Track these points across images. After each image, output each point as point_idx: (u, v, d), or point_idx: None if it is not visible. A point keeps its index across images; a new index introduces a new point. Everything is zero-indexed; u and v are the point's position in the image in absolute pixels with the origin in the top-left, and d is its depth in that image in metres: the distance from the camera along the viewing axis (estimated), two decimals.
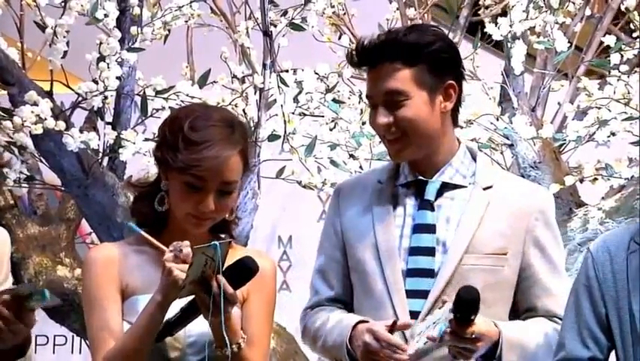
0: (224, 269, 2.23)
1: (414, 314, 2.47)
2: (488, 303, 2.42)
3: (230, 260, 2.25)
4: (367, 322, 2.47)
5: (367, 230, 2.54)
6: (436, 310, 2.39)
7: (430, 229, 2.51)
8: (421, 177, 2.54)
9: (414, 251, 2.50)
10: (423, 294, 2.48)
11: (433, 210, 2.51)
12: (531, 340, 2.48)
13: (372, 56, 2.46)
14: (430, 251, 2.49)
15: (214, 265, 2.22)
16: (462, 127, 4.07)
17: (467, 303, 2.30)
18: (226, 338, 2.25)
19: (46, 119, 3.72)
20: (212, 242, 2.22)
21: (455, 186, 2.53)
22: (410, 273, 2.49)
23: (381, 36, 2.47)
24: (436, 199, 2.53)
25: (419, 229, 2.51)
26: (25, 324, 2.30)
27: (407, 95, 2.46)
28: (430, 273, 2.49)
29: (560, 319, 2.51)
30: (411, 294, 2.49)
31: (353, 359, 2.47)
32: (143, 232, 2.42)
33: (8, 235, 2.57)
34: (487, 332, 2.37)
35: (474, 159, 2.59)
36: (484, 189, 2.52)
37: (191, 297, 2.26)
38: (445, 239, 2.50)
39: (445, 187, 2.53)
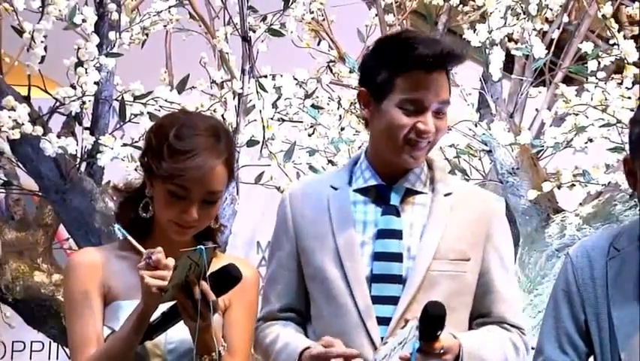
0: (207, 275, 2.23)
1: (380, 320, 2.45)
2: (452, 309, 2.41)
3: (213, 267, 2.25)
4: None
5: (326, 236, 2.52)
6: (399, 330, 2.37)
7: (397, 234, 2.49)
8: (382, 183, 2.53)
9: (379, 256, 2.48)
10: (390, 300, 2.47)
11: (399, 215, 2.51)
12: (489, 351, 2.47)
13: (440, 63, 2.47)
14: (397, 257, 2.48)
15: (198, 270, 2.22)
16: None
17: (435, 319, 2.29)
18: (215, 342, 2.25)
19: (23, 124, 3.70)
20: (198, 247, 2.22)
21: (416, 192, 2.54)
22: (376, 278, 2.47)
23: (446, 44, 2.49)
24: (399, 205, 2.53)
25: (383, 234, 2.49)
26: None
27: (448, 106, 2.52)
28: (398, 279, 2.47)
29: (513, 326, 2.52)
30: (377, 300, 2.47)
31: None
32: (129, 236, 2.41)
33: None
34: (450, 346, 2.37)
35: (429, 165, 2.60)
36: (445, 195, 2.54)
37: (174, 302, 2.26)
38: (409, 245, 2.49)
39: (407, 193, 2.54)
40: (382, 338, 2.42)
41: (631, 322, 2.33)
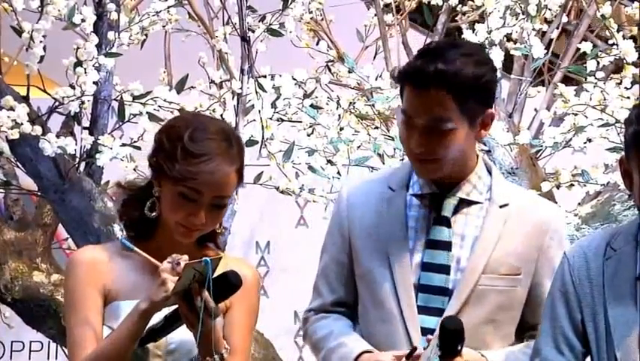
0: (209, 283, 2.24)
1: (424, 331, 2.44)
2: (498, 322, 2.42)
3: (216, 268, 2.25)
4: (371, 352, 2.43)
5: (378, 238, 2.50)
6: (421, 349, 2.35)
7: (446, 245, 2.46)
8: (436, 191, 2.49)
9: (427, 267, 2.46)
10: (434, 311, 2.45)
11: (449, 226, 2.47)
12: None
13: (424, 81, 2.38)
14: (444, 269, 2.45)
15: (201, 278, 2.22)
16: None
17: (452, 333, 2.27)
18: (217, 345, 2.26)
19: (22, 123, 3.71)
20: (204, 258, 2.22)
21: (470, 203, 2.49)
22: (422, 289, 2.46)
23: (436, 62, 2.37)
24: (451, 215, 2.49)
25: (432, 244, 2.47)
26: None
27: (451, 124, 2.40)
28: (444, 291, 2.45)
29: None
30: (422, 310, 2.45)
31: None
32: (136, 248, 2.40)
33: None
34: None
35: (489, 172, 2.55)
36: (501, 206, 2.49)
37: (176, 306, 2.26)
38: (459, 257, 2.47)
39: (461, 203, 2.49)
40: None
41: (627, 322, 2.33)
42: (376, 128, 4.23)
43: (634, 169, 2.32)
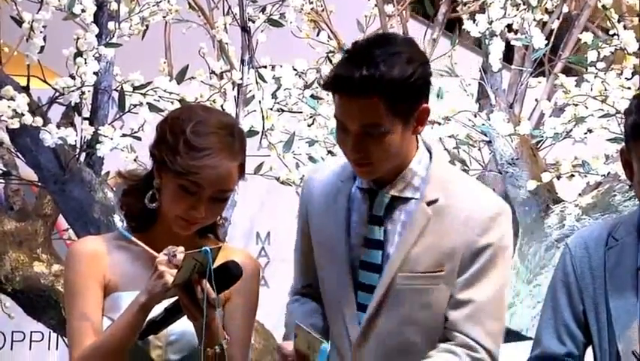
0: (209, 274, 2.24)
1: None
2: (422, 323, 2.37)
3: (216, 258, 2.25)
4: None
5: (324, 234, 2.49)
6: None
7: (378, 244, 2.41)
8: (372, 187, 2.44)
9: (364, 266, 2.43)
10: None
11: (380, 225, 2.42)
12: None
13: (352, 88, 2.30)
14: (376, 268, 2.41)
15: (202, 268, 2.22)
16: (440, 124, 4.09)
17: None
18: (218, 336, 2.26)
19: (23, 114, 3.70)
20: (204, 248, 2.22)
21: (406, 200, 2.42)
22: (362, 287, 2.43)
23: (362, 67, 2.28)
24: (387, 212, 2.42)
25: (367, 243, 2.43)
26: None
27: (384, 128, 2.32)
28: (373, 289, 2.42)
29: (462, 334, 2.37)
30: (362, 308, 2.42)
31: None
32: (134, 239, 2.41)
33: None
34: None
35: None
36: (429, 203, 2.39)
37: (175, 298, 2.26)
38: (389, 255, 2.41)
39: (397, 200, 2.42)
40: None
41: (628, 313, 2.33)
42: None
43: (634, 159, 2.32)
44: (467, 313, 2.37)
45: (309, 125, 4.16)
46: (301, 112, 4.18)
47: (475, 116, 4.13)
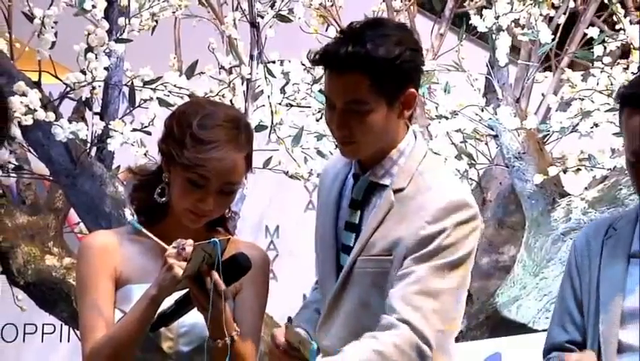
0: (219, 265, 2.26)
1: None
2: (373, 306, 2.39)
3: (226, 251, 2.28)
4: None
5: (319, 220, 2.54)
6: None
7: (354, 228, 2.46)
8: (358, 172, 2.49)
9: (344, 249, 2.47)
10: None
11: (357, 209, 2.46)
12: None
13: (339, 63, 2.37)
14: (350, 250, 2.46)
15: (211, 260, 2.24)
16: (447, 118, 4.11)
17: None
18: (226, 329, 2.29)
19: (36, 110, 3.73)
20: (212, 239, 2.24)
21: (384, 186, 2.44)
22: (341, 270, 2.47)
23: (349, 44, 2.36)
24: (366, 197, 2.46)
25: (347, 227, 2.48)
26: None
27: (369, 105, 2.37)
28: None
29: (389, 313, 2.36)
30: None
31: None
32: (144, 230, 2.43)
33: None
34: None
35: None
36: (395, 191, 2.42)
37: (185, 290, 2.29)
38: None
39: (376, 186, 2.46)
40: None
41: (613, 298, 2.37)
42: None
43: (625, 143, 2.36)
44: (398, 288, 2.37)
45: (317, 120, 4.17)
46: (309, 106, 4.20)
47: (482, 111, 4.15)
